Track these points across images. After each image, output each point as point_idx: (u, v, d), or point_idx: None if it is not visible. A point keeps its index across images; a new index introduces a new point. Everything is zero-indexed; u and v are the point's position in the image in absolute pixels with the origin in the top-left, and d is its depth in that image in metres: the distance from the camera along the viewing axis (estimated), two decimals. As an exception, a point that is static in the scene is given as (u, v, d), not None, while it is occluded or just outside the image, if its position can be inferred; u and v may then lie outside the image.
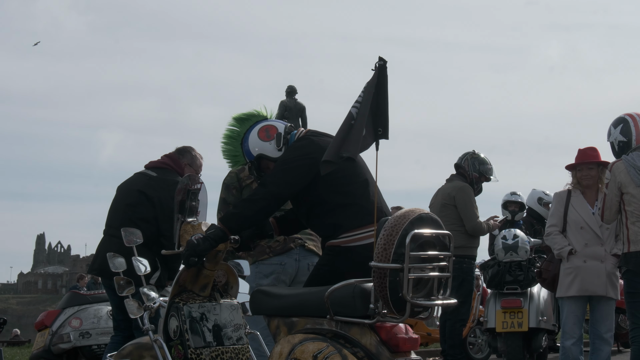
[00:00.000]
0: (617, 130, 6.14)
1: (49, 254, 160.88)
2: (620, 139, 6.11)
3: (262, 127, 5.09)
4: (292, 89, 20.95)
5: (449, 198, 8.52)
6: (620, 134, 6.11)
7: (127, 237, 5.05)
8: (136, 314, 4.81)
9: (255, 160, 5.07)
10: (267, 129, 5.08)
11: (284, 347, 4.38)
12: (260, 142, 5.05)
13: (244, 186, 6.17)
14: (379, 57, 4.90)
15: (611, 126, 6.14)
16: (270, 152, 5.04)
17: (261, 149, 5.04)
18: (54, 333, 8.44)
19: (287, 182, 4.82)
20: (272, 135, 5.04)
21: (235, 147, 5.17)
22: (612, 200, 6.19)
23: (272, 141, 5.04)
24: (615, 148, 6.13)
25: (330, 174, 4.71)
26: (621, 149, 6.12)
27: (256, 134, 5.08)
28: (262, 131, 5.07)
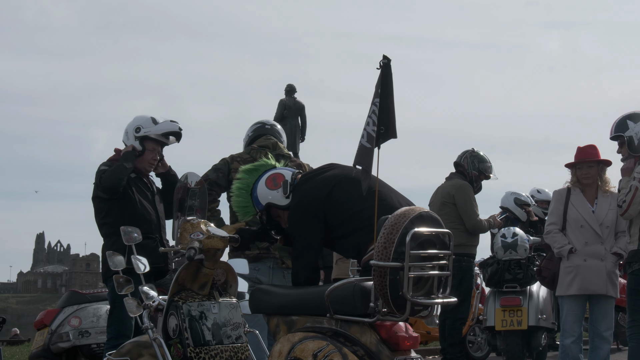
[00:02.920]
0: (639, 125, 6.15)
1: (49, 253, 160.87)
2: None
3: (269, 176, 5.13)
4: (292, 88, 20.93)
5: (448, 196, 8.51)
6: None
7: (126, 235, 5.05)
8: (135, 312, 4.81)
9: (265, 210, 5.10)
10: (274, 178, 5.11)
11: (284, 345, 4.38)
12: (268, 191, 5.08)
13: (230, 179, 6.18)
14: (383, 56, 4.91)
15: (629, 121, 6.14)
16: (278, 200, 5.06)
17: (269, 197, 5.07)
18: (53, 332, 8.42)
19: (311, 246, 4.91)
20: (279, 183, 5.07)
21: (246, 198, 5.20)
22: None
23: (279, 189, 5.05)
24: (634, 142, 6.13)
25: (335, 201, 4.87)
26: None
27: (264, 184, 5.11)
28: (270, 180, 5.11)
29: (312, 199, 4.91)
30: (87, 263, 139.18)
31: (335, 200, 4.91)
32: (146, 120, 6.56)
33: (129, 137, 6.55)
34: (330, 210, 4.89)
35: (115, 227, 5.52)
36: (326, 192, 4.93)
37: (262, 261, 6.08)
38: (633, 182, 6.03)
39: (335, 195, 4.92)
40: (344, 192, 4.92)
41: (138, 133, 6.53)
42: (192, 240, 4.77)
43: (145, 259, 5.00)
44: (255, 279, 5.98)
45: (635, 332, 6.06)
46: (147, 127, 6.52)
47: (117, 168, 6.38)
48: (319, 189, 4.95)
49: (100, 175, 6.41)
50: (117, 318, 6.35)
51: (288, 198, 5.03)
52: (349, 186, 4.91)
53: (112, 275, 5.55)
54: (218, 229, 4.95)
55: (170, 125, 6.57)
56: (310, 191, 4.96)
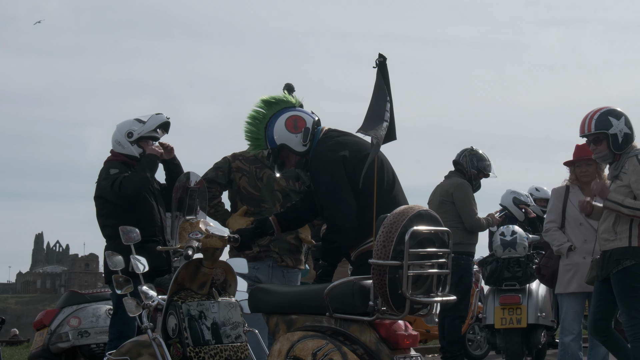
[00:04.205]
0: (622, 122, 6.10)
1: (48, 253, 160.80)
2: (626, 130, 6.08)
3: (290, 116, 5.01)
4: (290, 87, 20.85)
5: (447, 195, 8.52)
6: (625, 126, 6.09)
7: (125, 235, 5.05)
8: (135, 312, 4.81)
9: (277, 149, 5.01)
10: (296, 120, 4.99)
11: (283, 344, 4.38)
12: (286, 133, 4.97)
13: (231, 178, 6.16)
14: (379, 54, 4.92)
15: (610, 117, 6.09)
16: (295, 145, 4.98)
17: (286, 139, 4.97)
18: (52, 332, 8.42)
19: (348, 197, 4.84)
20: (300, 128, 4.97)
21: (260, 129, 5.05)
22: None
23: (299, 134, 4.96)
24: (619, 140, 6.09)
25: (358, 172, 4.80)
26: (624, 141, 6.09)
27: (283, 123, 5.00)
28: (290, 121, 4.99)
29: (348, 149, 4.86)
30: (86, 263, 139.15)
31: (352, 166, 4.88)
32: (133, 123, 6.56)
33: (124, 145, 6.54)
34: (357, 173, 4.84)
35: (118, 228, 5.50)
36: (364, 153, 4.88)
37: (262, 260, 6.08)
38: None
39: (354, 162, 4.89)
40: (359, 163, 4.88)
41: (131, 138, 6.53)
42: (190, 240, 4.76)
43: (145, 259, 4.99)
44: (255, 277, 5.97)
45: (637, 331, 6.02)
46: (137, 129, 6.53)
47: (142, 180, 6.36)
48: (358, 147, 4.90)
49: (114, 180, 6.37)
50: (120, 319, 6.34)
51: (305, 146, 4.95)
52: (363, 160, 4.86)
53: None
54: (217, 228, 4.94)
55: (158, 118, 6.59)
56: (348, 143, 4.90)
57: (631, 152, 6.09)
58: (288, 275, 6.14)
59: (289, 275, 6.14)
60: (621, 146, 6.04)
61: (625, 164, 6.05)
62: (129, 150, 6.52)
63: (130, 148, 6.51)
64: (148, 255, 5.28)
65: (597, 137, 6.07)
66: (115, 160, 6.57)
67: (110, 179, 6.41)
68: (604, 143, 6.06)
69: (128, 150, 6.53)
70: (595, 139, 6.09)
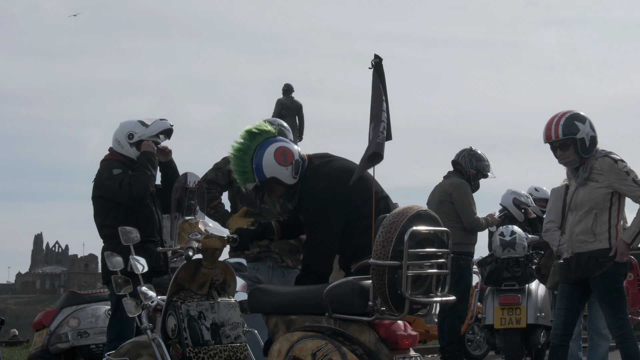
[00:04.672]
0: (587, 126, 6.11)
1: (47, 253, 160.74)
2: (592, 134, 6.09)
3: (278, 148, 4.90)
4: (289, 87, 20.93)
5: (446, 195, 8.52)
6: (591, 129, 6.10)
7: (124, 236, 5.04)
8: (134, 312, 4.80)
9: (265, 182, 4.93)
10: (284, 153, 4.90)
11: (283, 345, 4.38)
12: (276, 166, 4.87)
13: (231, 179, 6.16)
14: (375, 55, 4.92)
15: (576, 122, 6.08)
16: (285, 178, 4.89)
17: (277, 172, 4.87)
18: (52, 333, 8.42)
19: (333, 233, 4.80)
20: (290, 160, 4.87)
21: (246, 162, 4.94)
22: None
23: (289, 167, 4.87)
24: (586, 144, 6.09)
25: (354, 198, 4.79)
26: (591, 145, 6.10)
27: (272, 156, 4.89)
28: (279, 154, 4.89)
29: (340, 182, 4.81)
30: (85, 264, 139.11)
31: (359, 190, 4.83)
32: (136, 125, 6.54)
33: (123, 145, 6.52)
34: (353, 200, 4.81)
35: (117, 229, 5.49)
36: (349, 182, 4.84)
37: (262, 261, 6.08)
38: None
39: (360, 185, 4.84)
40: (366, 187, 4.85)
41: (132, 139, 6.51)
42: (190, 240, 4.76)
43: (144, 260, 4.99)
44: (255, 278, 5.97)
45: (626, 330, 6.00)
46: (139, 131, 6.51)
47: (149, 179, 6.36)
48: (347, 174, 4.83)
49: (120, 180, 6.35)
50: (119, 320, 6.34)
51: (295, 178, 4.89)
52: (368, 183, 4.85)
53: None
54: (216, 228, 4.94)
55: (162, 124, 6.57)
56: (336, 174, 4.85)
57: (598, 153, 6.10)
58: (288, 276, 6.14)
59: (289, 276, 6.14)
60: (588, 149, 6.08)
61: (595, 165, 6.07)
62: (127, 151, 6.51)
63: (128, 149, 6.50)
64: (146, 255, 5.28)
65: (564, 143, 6.09)
66: (114, 159, 6.55)
67: (115, 179, 6.38)
68: (571, 148, 6.09)
69: (126, 152, 6.51)
70: (562, 145, 6.11)
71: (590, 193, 6.04)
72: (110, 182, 6.38)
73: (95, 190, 6.53)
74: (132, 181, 6.32)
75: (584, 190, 6.08)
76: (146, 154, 6.44)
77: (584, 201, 6.08)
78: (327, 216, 4.79)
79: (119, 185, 6.33)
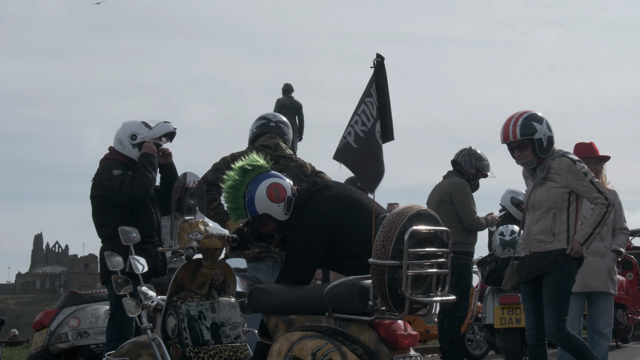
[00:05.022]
0: (544, 126, 6.10)
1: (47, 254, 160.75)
2: (549, 134, 6.09)
3: (270, 185, 4.91)
4: (289, 87, 20.93)
5: (445, 194, 8.51)
6: (548, 129, 6.09)
7: (124, 236, 5.04)
8: (134, 312, 4.80)
9: (257, 218, 4.93)
10: (277, 189, 4.90)
11: (283, 344, 4.38)
12: (268, 202, 4.87)
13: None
14: (377, 54, 4.92)
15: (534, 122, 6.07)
16: (277, 215, 4.89)
17: (268, 209, 4.88)
18: (52, 333, 8.42)
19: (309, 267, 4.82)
20: (282, 197, 4.88)
21: (239, 198, 4.94)
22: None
23: (281, 204, 4.87)
24: (543, 144, 6.09)
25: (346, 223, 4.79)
26: (548, 145, 6.09)
27: (264, 193, 4.89)
28: (272, 190, 4.89)
29: (322, 219, 4.80)
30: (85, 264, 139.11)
31: (346, 222, 4.82)
32: (139, 126, 6.53)
33: (125, 145, 6.51)
34: (341, 233, 4.80)
35: (116, 229, 5.49)
36: (338, 214, 4.83)
37: (262, 261, 6.07)
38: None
39: (347, 218, 4.83)
40: (355, 216, 4.83)
41: (135, 140, 6.50)
42: (190, 240, 4.76)
43: (144, 260, 4.99)
44: (255, 278, 5.97)
45: (565, 334, 5.99)
46: (142, 132, 6.50)
47: (150, 181, 6.36)
48: (330, 210, 4.82)
49: (121, 181, 6.34)
50: (118, 320, 6.33)
51: (287, 215, 4.90)
52: (359, 210, 4.84)
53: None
54: (216, 228, 4.94)
55: (165, 127, 6.56)
56: (320, 211, 4.83)
57: (555, 153, 6.10)
58: None
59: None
60: (546, 150, 6.07)
61: (552, 164, 6.06)
62: (129, 151, 6.50)
63: (130, 150, 6.50)
64: (145, 256, 5.28)
65: (522, 143, 6.08)
66: (113, 159, 6.54)
67: (115, 180, 6.37)
68: (529, 148, 6.08)
69: (128, 152, 6.50)
70: (520, 145, 6.09)
71: (549, 193, 6.04)
72: (110, 183, 6.37)
73: (94, 189, 6.52)
74: (133, 183, 6.31)
75: (542, 190, 6.08)
76: (147, 155, 6.44)
77: (542, 201, 6.07)
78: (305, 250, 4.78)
79: (119, 187, 6.32)
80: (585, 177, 6.03)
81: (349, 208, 4.87)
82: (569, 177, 6.01)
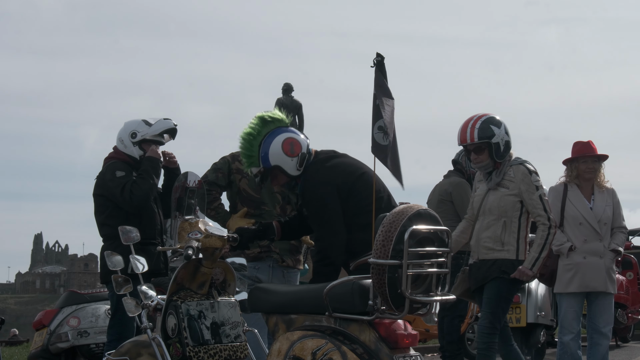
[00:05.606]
0: (502, 130, 6.05)
1: (47, 253, 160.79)
2: (507, 138, 6.05)
3: (287, 139, 5.02)
4: (289, 87, 20.95)
5: (445, 194, 8.51)
6: (506, 134, 6.05)
7: (124, 235, 5.04)
8: (134, 312, 4.80)
9: (269, 169, 5.03)
10: (293, 144, 5.01)
11: (283, 344, 4.38)
12: (282, 155, 4.99)
13: (232, 180, 6.15)
14: (377, 54, 4.94)
15: (492, 126, 6.02)
16: (289, 169, 4.99)
17: (282, 162, 4.99)
18: (52, 332, 8.42)
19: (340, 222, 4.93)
20: (296, 152, 4.99)
21: (254, 146, 5.06)
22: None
23: (294, 158, 4.98)
24: (500, 148, 6.04)
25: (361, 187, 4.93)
26: (505, 150, 6.06)
27: (280, 145, 5.01)
28: (287, 144, 5.01)
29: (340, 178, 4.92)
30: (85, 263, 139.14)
31: (359, 190, 4.94)
32: (139, 124, 6.53)
33: (126, 144, 6.51)
34: (353, 198, 4.92)
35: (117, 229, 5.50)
36: (352, 179, 4.97)
37: (263, 260, 6.07)
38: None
39: (360, 185, 4.97)
40: (368, 187, 4.96)
41: (135, 138, 6.50)
42: (190, 240, 4.76)
43: (144, 259, 4.99)
44: (255, 278, 5.97)
45: (494, 340, 5.97)
46: (142, 130, 6.50)
47: (151, 187, 6.38)
48: (349, 169, 4.97)
49: (123, 185, 6.34)
50: (119, 320, 6.33)
51: (299, 170, 5.00)
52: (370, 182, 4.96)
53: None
54: (216, 227, 4.94)
55: (165, 123, 6.56)
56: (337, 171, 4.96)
57: (513, 161, 6.06)
58: (288, 275, 6.14)
59: (289, 275, 6.15)
60: (502, 154, 6.03)
61: (508, 172, 6.03)
62: (130, 150, 6.51)
63: (131, 148, 6.50)
64: (147, 257, 5.28)
65: (479, 147, 6.03)
66: (117, 159, 6.54)
67: (117, 182, 6.37)
68: (485, 152, 6.02)
69: (129, 151, 6.51)
70: (477, 148, 6.04)
71: (500, 200, 5.99)
72: (113, 185, 6.37)
73: (97, 188, 6.53)
74: (134, 189, 6.31)
75: (494, 196, 6.03)
76: (151, 159, 6.44)
77: (493, 207, 6.02)
78: (330, 209, 4.90)
79: (120, 191, 6.32)
80: (536, 190, 5.96)
81: (364, 178, 5.00)
82: (522, 186, 5.95)
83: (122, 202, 6.34)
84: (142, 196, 6.31)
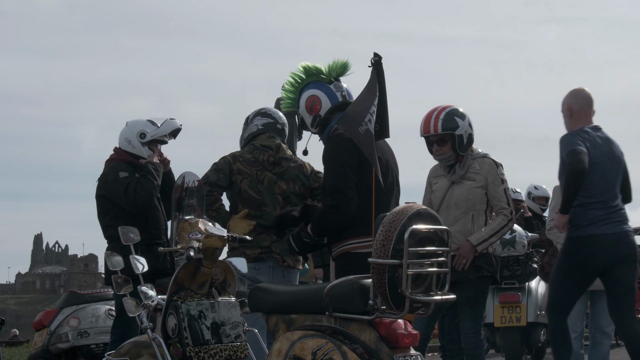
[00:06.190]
0: (466, 122, 6.02)
1: (47, 254, 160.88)
2: (470, 131, 6.01)
3: (311, 96, 5.40)
4: (289, 86, 20.97)
5: (446, 194, 8.50)
6: (469, 127, 6.03)
7: (124, 235, 5.04)
8: (134, 312, 4.80)
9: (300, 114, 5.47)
10: (313, 102, 5.39)
11: (283, 344, 4.38)
12: (304, 109, 5.42)
13: (232, 180, 6.14)
14: (374, 53, 4.94)
15: (456, 118, 5.99)
16: (308, 123, 5.42)
17: (303, 115, 5.44)
18: (52, 333, 8.41)
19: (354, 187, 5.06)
20: (314, 111, 5.37)
21: (295, 92, 5.46)
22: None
23: (311, 116, 5.37)
24: (463, 141, 6.01)
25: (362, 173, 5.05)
26: (468, 142, 6.03)
27: (305, 99, 5.42)
28: (310, 100, 5.40)
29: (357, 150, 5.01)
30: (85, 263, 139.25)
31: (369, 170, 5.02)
32: (146, 124, 6.56)
33: (134, 144, 6.53)
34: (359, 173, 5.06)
35: None
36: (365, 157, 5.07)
37: (263, 261, 6.07)
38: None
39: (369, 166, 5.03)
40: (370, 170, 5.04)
41: (144, 139, 6.53)
42: (190, 240, 4.76)
43: (144, 259, 4.99)
44: (255, 278, 5.97)
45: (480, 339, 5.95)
46: (151, 131, 6.55)
47: (154, 188, 6.40)
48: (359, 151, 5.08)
49: (126, 185, 6.35)
50: (123, 321, 6.33)
51: (314, 130, 5.39)
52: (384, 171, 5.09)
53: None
54: (216, 228, 4.94)
55: (173, 124, 6.65)
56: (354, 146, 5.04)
57: (476, 154, 6.04)
58: (288, 275, 6.14)
59: (289, 275, 6.15)
60: (465, 147, 6.00)
61: (473, 164, 6.00)
62: (138, 150, 6.54)
63: (140, 148, 6.53)
64: (154, 257, 5.28)
65: (442, 138, 5.99)
66: (119, 160, 6.55)
67: (121, 183, 6.37)
68: (448, 144, 5.99)
69: (138, 151, 6.54)
70: (440, 140, 6.00)
71: (468, 193, 5.97)
72: (116, 186, 6.38)
73: (100, 189, 6.53)
74: (138, 188, 6.32)
75: (460, 189, 5.99)
76: (152, 163, 6.51)
77: (460, 201, 5.98)
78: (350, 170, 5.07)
79: (124, 192, 6.33)
80: (501, 183, 5.96)
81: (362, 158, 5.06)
82: (489, 177, 5.94)
83: (125, 202, 6.35)
84: (147, 196, 6.33)
